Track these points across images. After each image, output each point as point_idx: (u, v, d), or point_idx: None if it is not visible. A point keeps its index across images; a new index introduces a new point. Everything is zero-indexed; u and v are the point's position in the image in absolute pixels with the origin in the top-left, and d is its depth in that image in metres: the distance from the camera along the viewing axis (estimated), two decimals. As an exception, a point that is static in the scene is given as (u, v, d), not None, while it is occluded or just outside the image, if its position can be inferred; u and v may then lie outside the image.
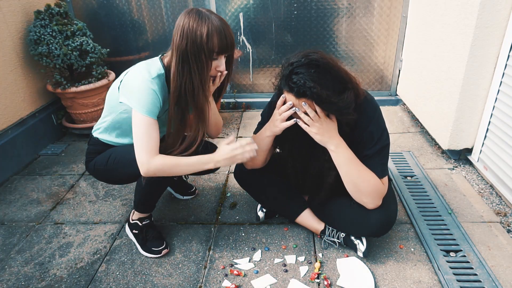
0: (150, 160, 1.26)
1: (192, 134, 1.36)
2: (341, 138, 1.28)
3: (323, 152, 1.31)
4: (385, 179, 1.33)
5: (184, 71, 1.23)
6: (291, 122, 1.28)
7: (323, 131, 1.24)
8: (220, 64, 1.28)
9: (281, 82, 1.24)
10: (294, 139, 1.39)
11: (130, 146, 1.33)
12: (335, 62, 1.19)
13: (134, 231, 1.61)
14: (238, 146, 1.31)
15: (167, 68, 1.32)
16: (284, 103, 1.28)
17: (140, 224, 1.59)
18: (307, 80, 1.13)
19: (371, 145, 1.29)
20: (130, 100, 1.28)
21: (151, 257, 1.55)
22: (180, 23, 1.22)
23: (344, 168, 1.29)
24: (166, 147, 1.34)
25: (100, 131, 1.53)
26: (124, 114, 1.41)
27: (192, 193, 1.94)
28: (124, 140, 1.52)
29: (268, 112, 1.44)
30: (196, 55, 1.21)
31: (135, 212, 1.61)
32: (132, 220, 1.62)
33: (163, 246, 1.55)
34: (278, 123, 1.31)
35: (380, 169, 1.30)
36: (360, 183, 1.29)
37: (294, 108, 1.24)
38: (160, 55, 1.37)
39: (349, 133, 1.29)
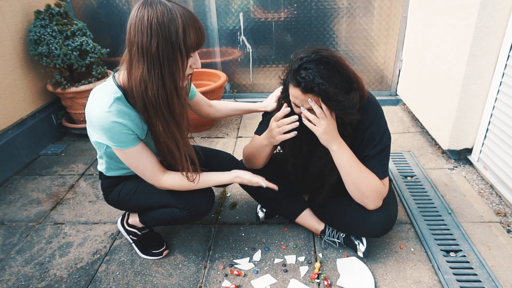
0: (160, 182, 1.25)
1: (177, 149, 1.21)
2: (341, 138, 1.28)
3: (326, 153, 1.31)
4: (386, 180, 1.33)
5: (153, 76, 1.03)
6: (291, 134, 1.28)
7: (329, 130, 1.23)
8: (196, 60, 1.11)
9: (288, 76, 1.23)
10: (295, 138, 1.39)
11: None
12: (343, 61, 1.19)
13: (131, 237, 1.55)
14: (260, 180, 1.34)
15: (123, 87, 1.14)
16: (286, 116, 1.28)
17: (139, 233, 1.54)
18: (316, 76, 1.12)
19: (372, 145, 1.29)
20: (103, 139, 1.15)
21: (151, 259, 1.55)
22: (141, 19, 0.99)
23: (345, 168, 1.29)
24: (172, 167, 1.27)
25: (105, 171, 1.39)
26: (109, 148, 1.24)
27: None
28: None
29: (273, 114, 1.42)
30: (170, 55, 1.01)
31: (135, 218, 1.50)
32: (129, 224, 1.53)
33: (163, 248, 1.55)
34: (277, 135, 1.30)
35: (381, 170, 1.30)
36: (361, 184, 1.28)
37: (295, 122, 1.25)
38: (112, 75, 1.18)
39: (351, 133, 1.29)
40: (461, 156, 2.13)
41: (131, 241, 1.57)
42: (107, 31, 2.97)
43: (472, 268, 1.40)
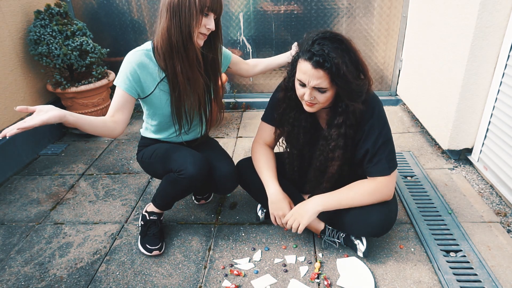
0: (105, 118, 1.41)
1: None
2: (310, 200, 1.37)
3: (327, 143, 1.32)
4: (393, 173, 1.33)
5: (174, 23, 1.29)
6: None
7: (300, 215, 1.35)
8: (209, 21, 1.31)
9: (299, 52, 1.22)
10: (293, 124, 1.41)
11: (173, 146, 1.51)
12: (355, 46, 1.20)
13: (141, 221, 1.67)
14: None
15: (155, 45, 1.39)
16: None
17: (147, 218, 1.63)
18: (330, 51, 1.12)
19: (372, 138, 1.28)
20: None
21: (143, 253, 1.57)
22: None
23: (339, 205, 1.34)
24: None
25: (142, 129, 1.67)
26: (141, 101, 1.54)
27: (206, 198, 1.91)
28: (161, 135, 1.61)
29: (277, 106, 1.44)
30: (187, 8, 1.27)
31: (151, 204, 1.65)
32: (146, 211, 1.67)
33: (156, 247, 1.55)
34: (273, 219, 1.47)
35: (387, 166, 1.30)
36: (360, 201, 1.33)
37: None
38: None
39: (354, 124, 1.28)
40: (461, 156, 2.13)
41: (140, 227, 1.67)
42: (107, 31, 2.97)
43: (472, 268, 1.40)
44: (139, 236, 1.63)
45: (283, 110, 1.41)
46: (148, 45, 1.43)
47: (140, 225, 1.67)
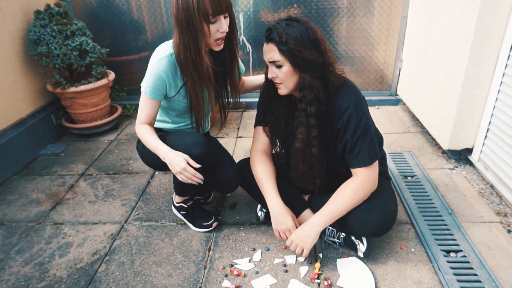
0: (138, 126, 1.46)
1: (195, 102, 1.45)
2: (308, 223, 1.38)
3: (297, 122, 1.34)
4: (374, 164, 1.33)
5: (182, 40, 1.28)
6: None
7: (303, 240, 1.36)
8: (220, 25, 1.28)
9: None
10: (274, 112, 1.45)
11: (175, 137, 1.47)
12: (316, 28, 1.27)
13: (181, 212, 1.73)
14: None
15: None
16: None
17: (186, 206, 1.70)
18: (279, 26, 1.23)
19: (351, 129, 1.29)
20: (144, 79, 1.43)
21: (203, 232, 1.67)
22: None
23: (336, 215, 1.36)
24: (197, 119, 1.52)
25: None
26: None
27: (206, 198, 1.92)
28: (163, 125, 1.62)
29: (262, 102, 1.51)
30: (190, 22, 1.24)
31: (176, 195, 1.72)
32: (177, 203, 1.74)
33: (212, 220, 1.68)
34: (277, 234, 1.47)
35: (368, 156, 1.31)
36: (350, 203, 1.35)
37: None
38: None
39: (317, 104, 1.30)
40: (462, 156, 2.13)
41: (183, 217, 1.74)
42: (107, 31, 2.96)
43: (472, 268, 1.40)
44: (189, 224, 1.71)
45: (264, 100, 1.48)
46: (171, 47, 1.40)
47: (182, 216, 1.74)
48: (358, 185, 1.33)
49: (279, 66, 1.28)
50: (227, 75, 1.53)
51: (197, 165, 1.38)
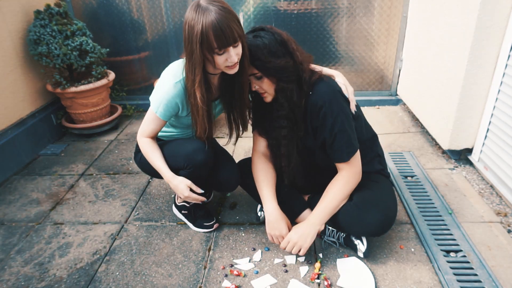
0: (139, 138, 1.49)
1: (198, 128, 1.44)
2: (306, 222, 1.40)
3: (279, 132, 1.39)
4: (354, 158, 1.36)
5: (188, 67, 1.28)
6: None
7: (300, 238, 1.38)
8: (229, 56, 1.21)
9: None
10: (266, 117, 1.47)
11: (175, 146, 1.49)
12: (282, 32, 1.31)
13: (183, 211, 1.73)
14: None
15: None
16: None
17: (188, 205, 1.70)
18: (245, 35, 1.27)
19: (328, 127, 1.32)
20: (152, 95, 1.42)
21: (203, 232, 1.67)
22: (185, 20, 1.22)
23: (330, 211, 1.40)
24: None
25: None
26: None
27: (206, 198, 1.91)
28: (165, 134, 1.62)
29: (253, 108, 1.53)
30: (193, 53, 1.22)
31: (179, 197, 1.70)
32: (179, 202, 1.74)
33: (213, 221, 1.68)
34: (270, 238, 1.49)
35: (345, 152, 1.34)
36: (341, 197, 1.39)
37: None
38: None
39: (289, 104, 1.34)
40: (462, 156, 2.13)
41: (183, 217, 1.74)
42: (107, 31, 2.96)
43: (472, 268, 1.40)
44: (190, 223, 1.71)
45: (255, 106, 1.51)
46: (182, 72, 1.37)
47: (183, 215, 1.74)
48: (344, 180, 1.39)
49: (259, 78, 1.32)
50: (236, 101, 1.47)
51: (200, 190, 1.45)
